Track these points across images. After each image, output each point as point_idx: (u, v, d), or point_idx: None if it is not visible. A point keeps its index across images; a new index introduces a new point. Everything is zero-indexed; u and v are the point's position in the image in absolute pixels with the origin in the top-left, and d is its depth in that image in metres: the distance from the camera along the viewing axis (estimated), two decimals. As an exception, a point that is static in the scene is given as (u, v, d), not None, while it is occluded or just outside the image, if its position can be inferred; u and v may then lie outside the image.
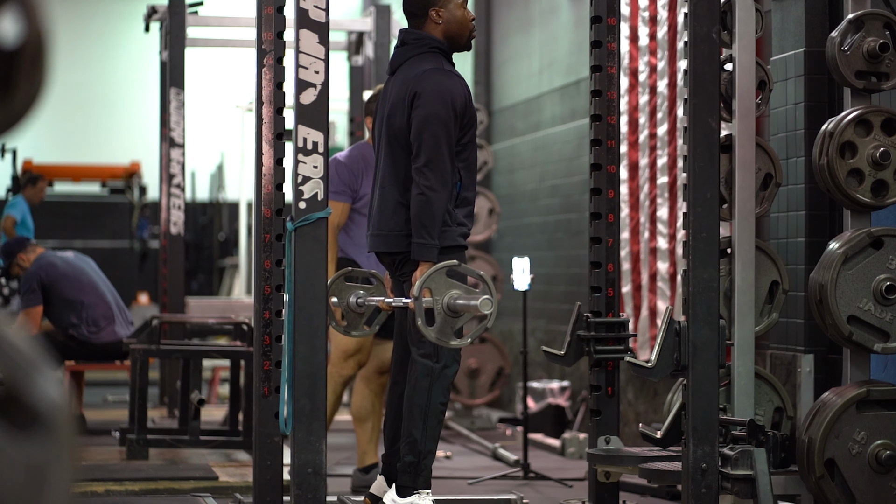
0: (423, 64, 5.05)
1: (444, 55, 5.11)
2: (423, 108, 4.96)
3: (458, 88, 5.01)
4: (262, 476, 5.02)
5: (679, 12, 7.29)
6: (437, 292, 4.67)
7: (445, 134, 4.94)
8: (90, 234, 17.06)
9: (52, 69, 1.50)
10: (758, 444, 4.81)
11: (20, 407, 1.43)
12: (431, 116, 4.94)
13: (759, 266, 5.37)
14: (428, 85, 4.98)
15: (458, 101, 4.98)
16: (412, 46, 5.13)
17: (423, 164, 4.93)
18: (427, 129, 4.94)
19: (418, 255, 4.93)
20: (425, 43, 5.11)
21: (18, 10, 1.45)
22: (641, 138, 7.76)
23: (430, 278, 4.66)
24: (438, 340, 4.69)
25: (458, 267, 4.71)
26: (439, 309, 4.66)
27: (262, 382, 5.03)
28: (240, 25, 10.39)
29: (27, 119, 1.49)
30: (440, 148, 4.92)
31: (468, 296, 4.65)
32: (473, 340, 4.79)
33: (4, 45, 1.45)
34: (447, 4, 5.13)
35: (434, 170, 4.91)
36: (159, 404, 9.66)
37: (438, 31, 5.13)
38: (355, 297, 5.30)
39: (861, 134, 5.16)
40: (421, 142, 4.94)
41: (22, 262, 8.37)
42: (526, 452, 7.19)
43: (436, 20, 5.12)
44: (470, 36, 5.17)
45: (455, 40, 5.15)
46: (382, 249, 5.12)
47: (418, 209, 4.91)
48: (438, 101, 4.95)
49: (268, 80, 5.07)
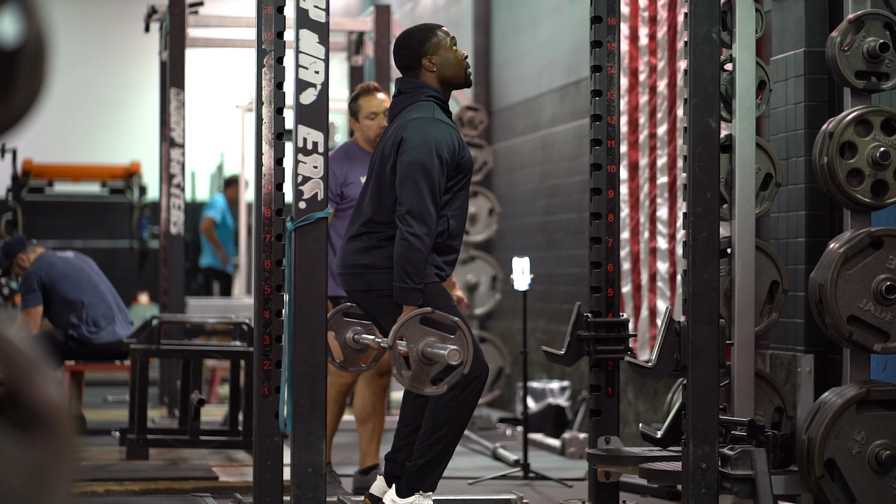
0: (414, 112, 5.08)
1: (439, 102, 5.14)
2: (408, 154, 4.97)
3: (444, 137, 5.01)
4: (262, 476, 5.02)
5: (679, 12, 7.29)
6: (411, 340, 4.66)
7: (428, 181, 4.94)
8: (90, 234, 17.05)
9: (52, 69, 1.50)
10: (758, 444, 4.81)
11: (20, 407, 1.43)
12: (415, 163, 4.95)
13: (759, 266, 5.37)
14: (414, 133, 5.00)
15: (444, 149, 4.98)
16: (408, 95, 5.15)
17: (405, 210, 4.94)
18: (410, 176, 4.95)
19: (401, 299, 4.94)
20: (421, 91, 5.13)
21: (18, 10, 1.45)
22: (641, 138, 7.76)
23: (405, 326, 4.66)
24: (413, 388, 4.70)
25: (433, 314, 4.70)
26: (414, 357, 4.66)
27: (262, 382, 5.03)
28: (240, 25, 10.40)
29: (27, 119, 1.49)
30: (423, 195, 4.93)
31: (441, 344, 4.64)
32: (450, 387, 4.77)
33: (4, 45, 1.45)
34: (438, 51, 5.15)
35: (416, 217, 4.92)
36: (159, 404, 9.66)
37: (433, 79, 5.15)
38: (352, 333, 5.34)
39: (861, 134, 5.16)
40: (404, 189, 4.95)
41: (22, 262, 8.36)
42: (526, 452, 7.19)
43: (429, 68, 5.14)
44: (466, 74, 5.19)
45: (451, 83, 5.18)
46: (356, 289, 5.11)
47: (401, 254, 4.92)
48: (423, 148, 4.96)
49: (268, 80, 5.07)
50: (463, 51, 5.24)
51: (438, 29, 5.20)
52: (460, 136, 5.11)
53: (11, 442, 1.41)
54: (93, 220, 17.20)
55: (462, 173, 5.07)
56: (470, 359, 4.64)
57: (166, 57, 9.78)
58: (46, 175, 15.63)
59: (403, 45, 5.18)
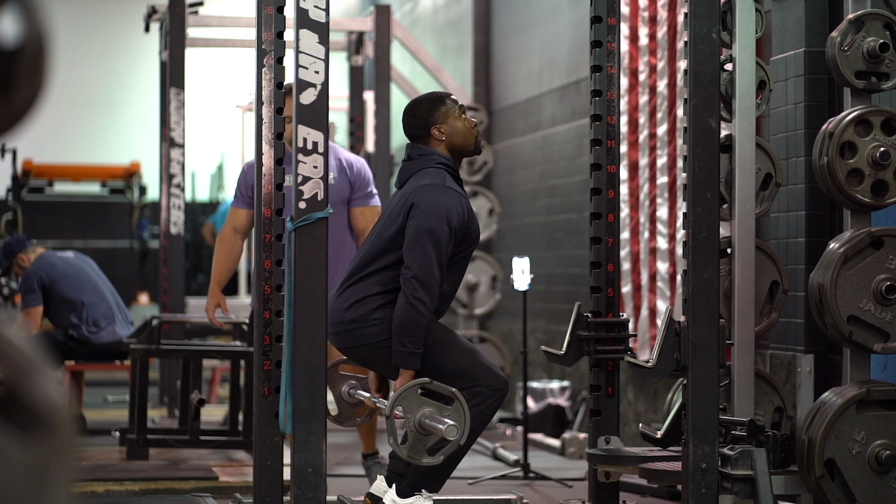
0: (424, 179, 5.07)
1: (449, 169, 5.13)
2: (418, 219, 4.97)
3: (455, 205, 5.01)
4: (262, 476, 5.02)
5: (679, 12, 7.29)
6: (408, 410, 4.65)
7: (436, 248, 4.94)
8: (90, 234, 17.05)
9: (53, 69, 1.50)
10: (758, 444, 4.81)
11: (20, 407, 1.43)
12: (425, 229, 4.94)
13: (759, 266, 5.37)
14: (425, 199, 4.99)
15: (454, 217, 4.98)
16: (418, 161, 5.14)
17: (412, 275, 4.93)
18: (419, 241, 4.94)
19: (399, 363, 4.93)
20: (431, 158, 5.12)
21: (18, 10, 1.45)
22: (641, 138, 7.76)
23: (402, 396, 4.65)
24: (410, 458, 4.71)
25: (430, 384, 4.68)
26: (411, 427, 4.66)
27: (262, 382, 5.03)
28: (240, 25, 10.40)
29: (27, 119, 1.49)
30: (430, 262, 4.93)
31: (439, 415, 4.63)
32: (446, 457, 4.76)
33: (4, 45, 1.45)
34: (447, 119, 5.14)
35: (423, 283, 4.91)
36: (159, 404, 9.66)
37: (443, 147, 5.14)
38: (348, 388, 5.36)
39: (861, 134, 5.16)
40: (413, 253, 4.95)
41: (22, 262, 8.36)
42: (526, 452, 7.19)
43: (438, 137, 5.13)
44: (475, 142, 5.20)
45: (460, 151, 5.18)
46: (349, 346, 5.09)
47: (403, 318, 4.91)
48: (434, 214, 4.96)
49: (268, 80, 5.07)
50: (472, 118, 5.25)
51: (447, 97, 5.19)
52: (470, 205, 5.12)
53: (11, 442, 1.41)
54: (93, 221, 17.20)
55: (468, 243, 5.08)
56: (467, 431, 4.65)
57: (166, 57, 9.78)
58: (46, 175, 15.64)
59: (412, 114, 5.17)
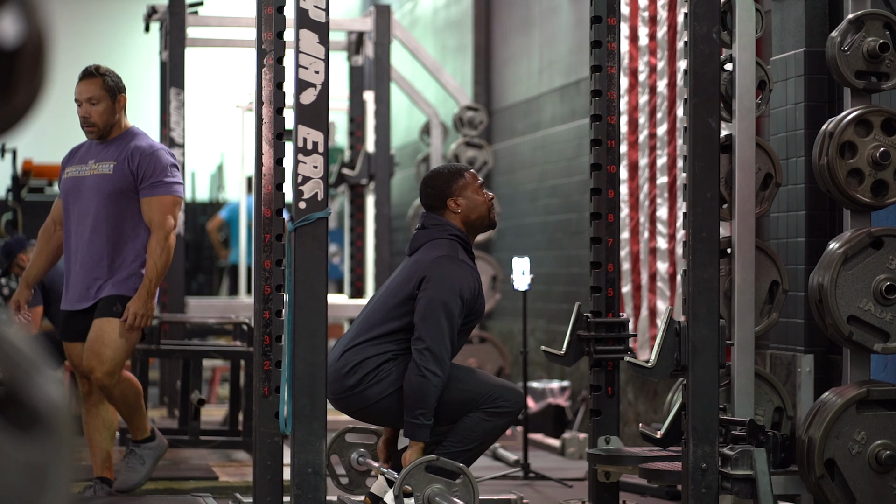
0: (437, 250, 5.07)
1: (462, 242, 5.14)
2: (432, 291, 4.97)
3: (468, 279, 5.02)
4: (262, 476, 5.02)
5: (679, 12, 7.29)
6: (416, 489, 4.66)
7: (449, 321, 4.95)
8: (90, 234, 17.03)
9: (53, 69, 1.50)
10: (758, 444, 4.81)
11: (20, 407, 1.43)
12: (440, 302, 4.95)
13: (759, 266, 5.37)
14: (438, 271, 5.00)
15: (466, 291, 4.99)
16: (431, 231, 5.15)
17: (425, 347, 4.93)
18: (433, 314, 4.95)
19: (410, 435, 4.95)
20: (444, 229, 5.13)
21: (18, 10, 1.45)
22: (641, 138, 7.76)
23: (409, 475, 4.65)
24: None
25: (437, 461, 4.68)
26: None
27: (262, 382, 5.03)
28: (240, 25, 10.40)
29: (27, 119, 1.49)
30: (443, 335, 4.94)
31: (448, 493, 4.63)
32: None
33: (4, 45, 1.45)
34: (464, 192, 5.16)
35: (436, 356, 4.92)
36: (159, 404, 9.66)
37: (457, 220, 5.15)
38: (357, 456, 5.36)
39: (861, 134, 5.16)
40: (426, 325, 4.95)
41: (22, 263, 8.36)
42: (526, 452, 7.19)
43: (454, 209, 5.15)
44: (490, 217, 5.21)
45: (475, 225, 5.19)
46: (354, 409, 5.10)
47: (416, 389, 4.92)
48: (448, 287, 4.97)
49: (268, 80, 5.06)
50: (489, 192, 5.25)
51: (466, 171, 5.21)
52: (480, 280, 5.12)
53: (11, 442, 1.41)
54: (93, 220, 17.16)
55: (473, 316, 5.09)
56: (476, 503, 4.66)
57: (166, 57, 9.78)
58: (46, 175, 15.63)
59: (430, 184, 5.19)
